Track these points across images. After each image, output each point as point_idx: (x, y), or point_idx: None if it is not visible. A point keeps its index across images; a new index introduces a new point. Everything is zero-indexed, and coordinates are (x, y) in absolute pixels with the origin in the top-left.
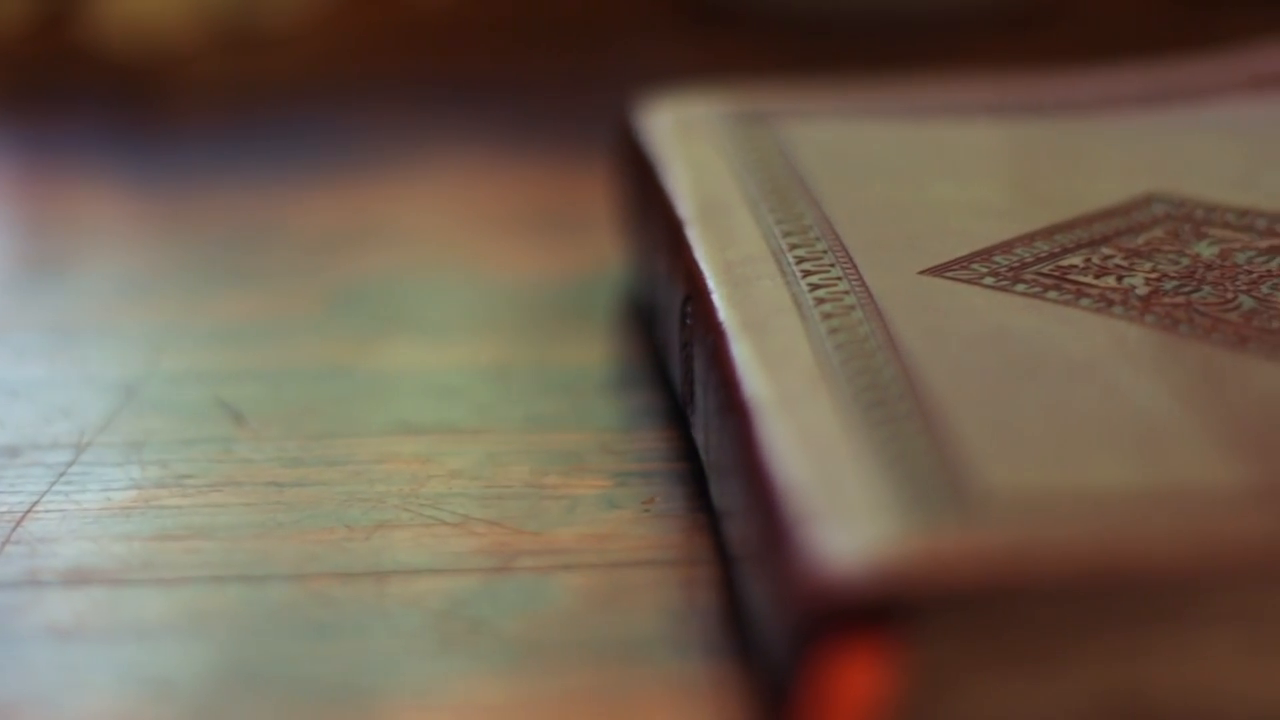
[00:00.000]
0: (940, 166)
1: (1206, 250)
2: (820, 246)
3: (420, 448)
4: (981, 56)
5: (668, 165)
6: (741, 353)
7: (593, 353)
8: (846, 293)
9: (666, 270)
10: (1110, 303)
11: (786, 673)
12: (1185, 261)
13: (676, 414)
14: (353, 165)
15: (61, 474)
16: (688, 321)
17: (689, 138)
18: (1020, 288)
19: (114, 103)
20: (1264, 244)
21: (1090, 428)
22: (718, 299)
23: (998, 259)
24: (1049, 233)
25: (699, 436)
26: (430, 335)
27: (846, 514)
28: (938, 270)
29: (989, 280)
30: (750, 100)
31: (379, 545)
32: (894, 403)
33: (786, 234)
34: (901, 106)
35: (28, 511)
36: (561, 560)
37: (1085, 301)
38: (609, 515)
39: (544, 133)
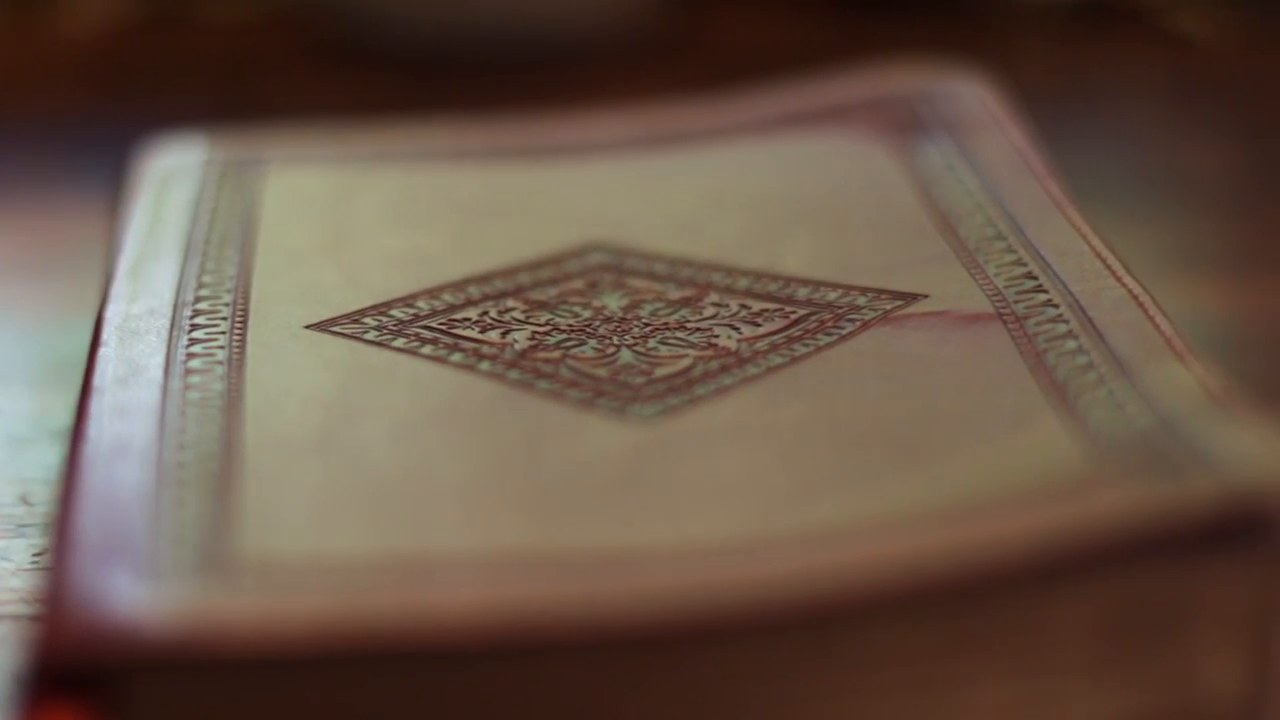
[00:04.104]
0: (398, 214)
1: (615, 302)
2: (226, 300)
3: None
4: (606, 88)
5: (128, 214)
6: (90, 408)
7: (54, 400)
8: (222, 348)
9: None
10: (481, 358)
11: None
12: (587, 314)
13: None
14: None
15: None
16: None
17: (165, 186)
18: (399, 342)
19: None
20: (677, 295)
21: (371, 492)
22: (100, 353)
23: (394, 312)
24: (463, 284)
25: None
26: None
27: (95, 577)
28: (325, 324)
29: (372, 335)
30: (249, 147)
31: None
32: (201, 464)
33: (201, 287)
34: (403, 151)
35: None
36: None
37: (457, 357)
38: None
39: (114, 175)
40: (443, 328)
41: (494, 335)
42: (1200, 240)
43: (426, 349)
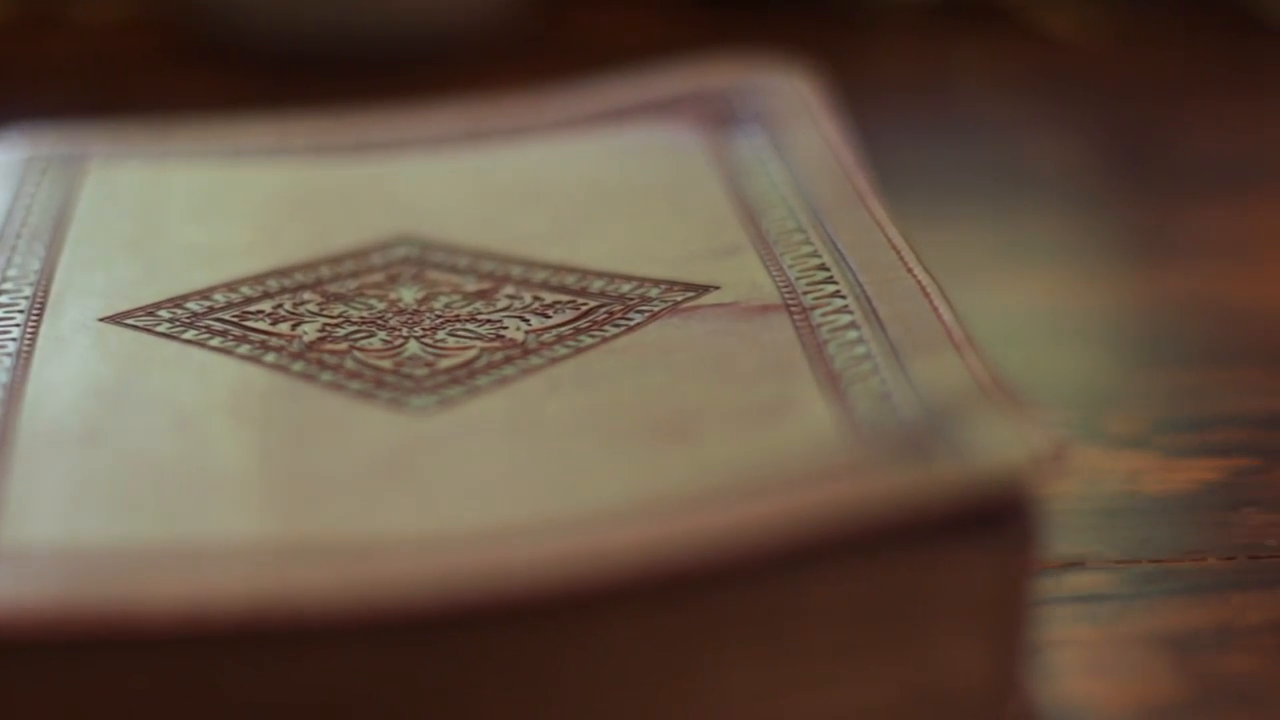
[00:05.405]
0: (209, 209)
1: (410, 295)
2: (26, 294)
3: None
4: (467, 86)
5: None
6: None
7: None
8: (13, 340)
9: None
10: (268, 350)
11: None
12: (381, 306)
13: None
14: None
15: None
16: None
17: None
18: (190, 334)
19: None
20: (473, 288)
21: (137, 482)
22: None
23: (190, 305)
24: (263, 278)
25: None
26: None
27: None
28: (119, 317)
29: (164, 327)
30: (72, 142)
31: None
32: None
33: (5, 281)
34: (224, 147)
35: None
36: None
37: (244, 349)
38: None
39: None
40: (235, 320)
41: (285, 327)
42: (1041, 234)
43: (215, 341)
